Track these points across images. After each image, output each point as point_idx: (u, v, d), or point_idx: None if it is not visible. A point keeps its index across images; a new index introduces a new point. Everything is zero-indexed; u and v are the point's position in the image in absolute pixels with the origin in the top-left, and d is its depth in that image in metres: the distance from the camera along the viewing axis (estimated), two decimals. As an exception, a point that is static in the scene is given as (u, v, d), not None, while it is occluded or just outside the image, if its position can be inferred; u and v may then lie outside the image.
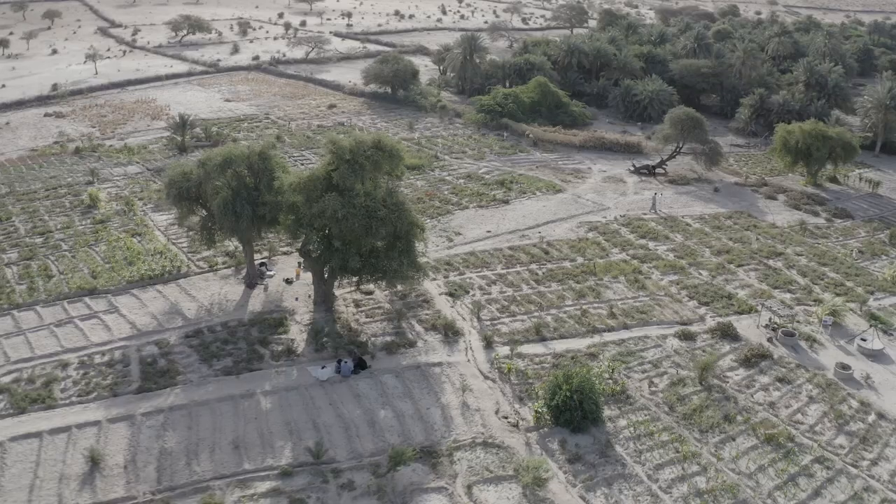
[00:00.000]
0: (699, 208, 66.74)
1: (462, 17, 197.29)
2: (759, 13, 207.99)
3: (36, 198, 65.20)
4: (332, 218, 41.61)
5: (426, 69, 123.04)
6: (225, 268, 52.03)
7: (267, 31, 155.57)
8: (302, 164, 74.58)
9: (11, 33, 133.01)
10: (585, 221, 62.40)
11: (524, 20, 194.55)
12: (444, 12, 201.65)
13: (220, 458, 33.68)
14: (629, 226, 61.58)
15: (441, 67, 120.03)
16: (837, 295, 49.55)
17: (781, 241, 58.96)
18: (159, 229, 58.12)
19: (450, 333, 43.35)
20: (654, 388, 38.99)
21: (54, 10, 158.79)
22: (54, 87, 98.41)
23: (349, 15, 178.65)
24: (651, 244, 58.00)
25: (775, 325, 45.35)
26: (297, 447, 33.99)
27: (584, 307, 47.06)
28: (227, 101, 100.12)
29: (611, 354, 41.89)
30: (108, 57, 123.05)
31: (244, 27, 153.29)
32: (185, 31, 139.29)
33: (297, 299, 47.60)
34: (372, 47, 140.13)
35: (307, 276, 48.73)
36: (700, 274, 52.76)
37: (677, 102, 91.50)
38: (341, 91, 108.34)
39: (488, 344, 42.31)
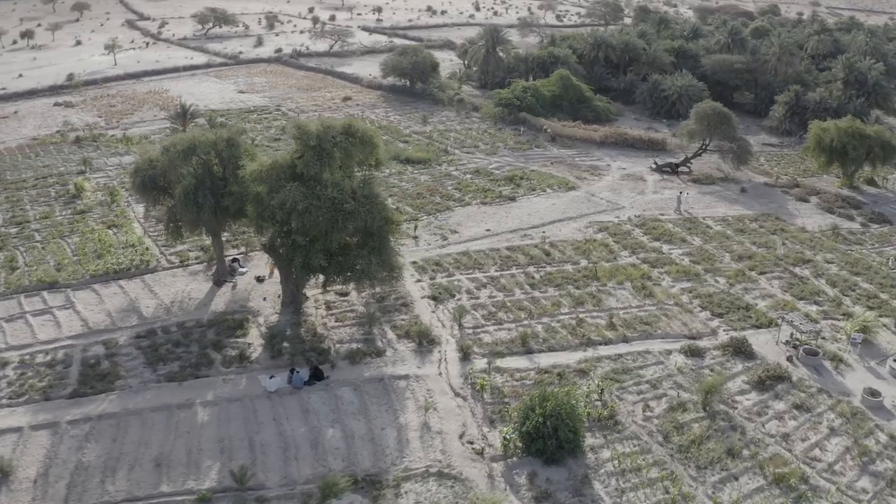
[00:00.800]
0: (723, 209, 60.47)
1: (495, 13, 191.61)
2: (800, 14, 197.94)
3: (23, 187, 61.82)
4: (291, 210, 36.86)
5: (451, 63, 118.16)
6: (197, 263, 47.68)
7: (294, 25, 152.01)
8: (303, 156, 70.21)
9: (39, 24, 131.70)
10: (596, 221, 56.69)
11: (558, 17, 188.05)
12: (477, 8, 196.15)
13: (139, 476, 29.16)
14: (643, 227, 55.71)
15: (465, 62, 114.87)
16: (870, 308, 43.11)
17: (811, 246, 52.49)
18: (139, 221, 54.11)
19: (424, 342, 38.24)
20: (648, 413, 33.32)
21: (83, 2, 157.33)
22: (70, 77, 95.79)
23: (379, 10, 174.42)
24: (665, 247, 52.10)
25: (797, 342, 39.28)
26: (225, 469, 29.27)
27: (580, 316, 41.52)
28: (241, 92, 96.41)
29: (603, 371, 36.32)
30: (131, 48, 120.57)
31: (272, 21, 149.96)
32: (210, 24, 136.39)
33: (264, 299, 42.99)
34: (398, 41, 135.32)
35: (281, 274, 44.18)
36: (716, 282, 46.77)
37: (708, 98, 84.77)
38: (359, 84, 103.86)
39: (465, 355, 37.08)
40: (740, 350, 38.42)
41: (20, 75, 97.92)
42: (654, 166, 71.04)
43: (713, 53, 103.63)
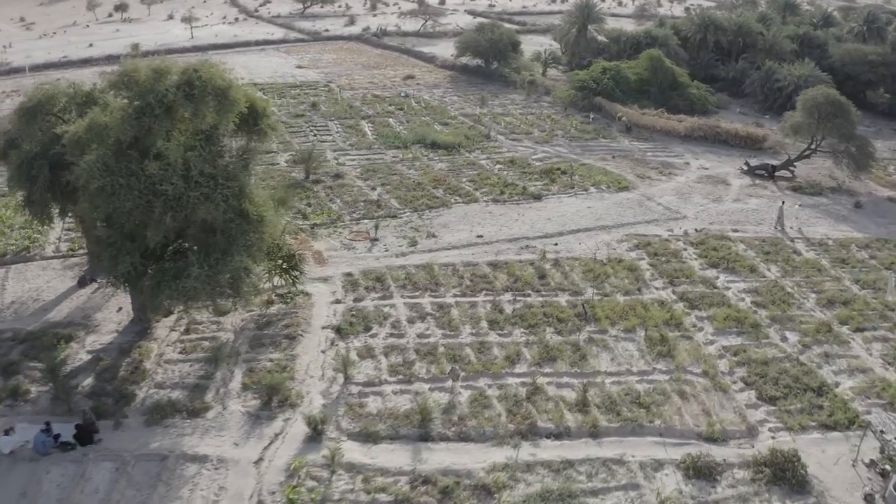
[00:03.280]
0: (823, 229, 41.73)
1: (620, 3, 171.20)
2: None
3: (-3, 151, 53.07)
4: (84, 191, 23.84)
5: (551, 47, 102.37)
6: (86, 254, 35.88)
7: (399, 7, 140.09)
8: (314, 136, 57.62)
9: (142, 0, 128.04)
10: (637, 234, 39.89)
11: (687, 10, 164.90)
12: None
13: None
14: (701, 246, 38.37)
15: (561, 45, 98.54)
16: None
17: (945, 295, 33.41)
18: (71, 196, 43.25)
19: (274, 402, 24.07)
20: None
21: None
22: (134, 47, 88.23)
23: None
24: (721, 278, 34.78)
25: (886, 466, 21.75)
26: None
27: (539, 381, 25.76)
28: (299, 67, 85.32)
29: (525, 493, 20.63)
30: (220, 23, 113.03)
31: (375, 2, 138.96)
32: (308, 3, 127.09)
33: (120, 309, 30.27)
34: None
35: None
36: (783, 339, 29.35)
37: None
38: (433, 63, 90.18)
39: (316, 433, 22.54)
40: (784, 473, 21.34)
41: (90, 45, 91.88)
42: (745, 168, 52.55)
43: (844, 42, 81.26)
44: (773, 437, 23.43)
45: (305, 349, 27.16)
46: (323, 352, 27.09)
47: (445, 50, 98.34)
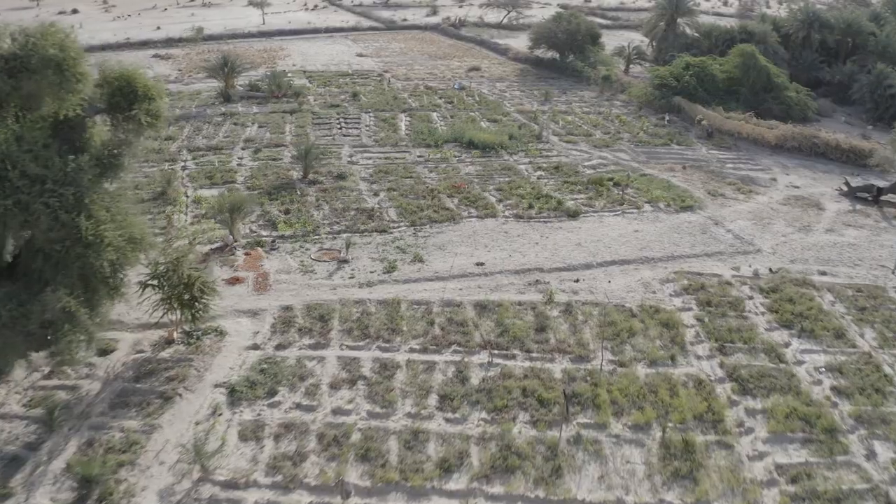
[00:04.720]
0: (945, 280, 30.46)
1: (725, 3, 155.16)
2: None
3: None
4: None
5: (642, 43, 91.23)
6: None
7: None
8: (339, 128, 50.25)
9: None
10: (690, 272, 29.92)
11: (791, 10, 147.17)
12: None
13: None
14: (775, 294, 28.00)
15: (649, 40, 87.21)
16: None
17: None
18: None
19: (91, 499, 16.38)
20: None
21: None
22: (198, 30, 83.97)
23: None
24: (794, 345, 24.57)
25: None
26: None
27: None
28: (360, 55, 78.34)
29: None
30: (299, 10, 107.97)
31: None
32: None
33: None
34: (592, 19, 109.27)
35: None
36: (870, 455, 19.22)
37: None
38: (505, 55, 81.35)
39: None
40: None
41: (158, 28, 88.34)
42: (843, 188, 41.07)
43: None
44: None
45: (175, 417, 19.39)
46: (197, 423, 19.25)
47: (523, 42, 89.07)
